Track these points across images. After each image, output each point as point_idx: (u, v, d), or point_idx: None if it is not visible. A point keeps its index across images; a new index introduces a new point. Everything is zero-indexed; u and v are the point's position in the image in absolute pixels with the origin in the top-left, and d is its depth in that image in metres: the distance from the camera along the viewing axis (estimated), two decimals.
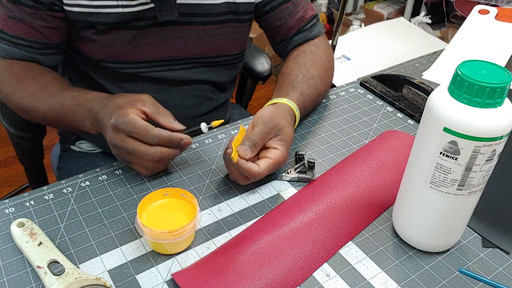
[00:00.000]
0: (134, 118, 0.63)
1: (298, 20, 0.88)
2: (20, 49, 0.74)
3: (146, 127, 0.63)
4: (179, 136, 0.65)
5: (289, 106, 0.73)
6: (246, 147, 0.65)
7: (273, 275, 0.55)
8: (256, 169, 0.64)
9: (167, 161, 0.68)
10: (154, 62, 0.81)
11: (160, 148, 0.64)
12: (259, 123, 0.67)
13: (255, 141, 0.66)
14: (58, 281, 0.51)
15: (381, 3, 2.80)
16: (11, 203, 0.64)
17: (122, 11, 0.73)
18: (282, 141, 0.68)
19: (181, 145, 0.65)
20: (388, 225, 0.64)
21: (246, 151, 0.64)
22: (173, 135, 0.64)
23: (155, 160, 0.65)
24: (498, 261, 0.59)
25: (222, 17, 0.81)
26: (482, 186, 0.53)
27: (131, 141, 0.63)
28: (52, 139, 1.13)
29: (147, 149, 0.63)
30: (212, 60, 0.86)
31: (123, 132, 0.63)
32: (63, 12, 0.72)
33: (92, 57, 0.78)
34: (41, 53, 0.76)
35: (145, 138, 0.63)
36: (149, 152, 0.63)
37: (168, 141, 0.64)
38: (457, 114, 0.48)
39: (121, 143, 0.64)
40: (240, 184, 0.68)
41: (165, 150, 0.64)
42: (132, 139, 0.63)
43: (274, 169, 0.67)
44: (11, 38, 0.73)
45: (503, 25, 1.05)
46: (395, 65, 1.04)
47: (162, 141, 0.64)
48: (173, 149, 0.65)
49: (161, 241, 0.56)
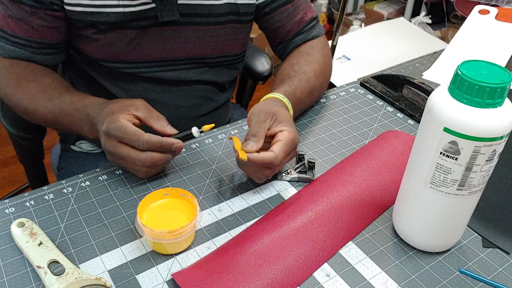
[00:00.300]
0: (124, 124, 0.63)
1: (298, 22, 0.88)
2: (19, 48, 0.74)
3: (136, 132, 0.63)
4: (170, 141, 0.64)
5: (276, 97, 0.73)
6: (249, 141, 0.64)
7: (273, 275, 0.55)
8: (271, 155, 0.63)
9: (161, 165, 0.68)
10: (155, 62, 0.81)
11: (151, 153, 0.64)
12: (252, 117, 0.67)
13: (255, 132, 0.65)
14: (58, 281, 0.51)
15: (381, 3, 2.80)
16: (11, 203, 0.64)
17: (123, 10, 0.73)
18: (283, 122, 0.67)
19: (173, 150, 0.65)
20: (388, 225, 0.64)
21: (251, 144, 0.63)
22: (164, 140, 0.64)
23: (147, 165, 0.64)
24: (498, 261, 0.59)
25: (223, 17, 0.81)
26: (482, 186, 0.53)
27: (122, 147, 0.63)
28: (52, 139, 1.13)
29: (138, 154, 0.63)
30: (213, 60, 0.86)
31: (114, 138, 0.63)
32: (63, 11, 0.72)
33: (93, 56, 0.78)
34: (40, 52, 0.76)
35: (135, 144, 0.63)
36: (140, 157, 0.63)
37: (158, 146, 0.64)
38: (457, 114, 0.48)
39: (113, 149, 0.64)
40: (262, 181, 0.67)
41: (157, 155, 0.64)
42: (124, 145, 0.63)
43: (289, 148, 0.65)
44: (11, 37, 0.73)
45: (503, 25, 1.05)
46: (395, 65, 1.04)
47: (153, 147, 0.63)
48: (164, 154, 0.65)
49: (161, 241, 0.56)
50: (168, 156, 0.66)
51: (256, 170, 0.65)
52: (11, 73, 0.75)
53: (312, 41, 0.90)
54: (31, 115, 0.76)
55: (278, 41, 0.91)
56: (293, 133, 0.66)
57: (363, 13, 2.72)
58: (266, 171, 0.65)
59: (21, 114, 0.78)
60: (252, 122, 0.67)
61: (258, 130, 0.65)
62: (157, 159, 0.64)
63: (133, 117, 0.66)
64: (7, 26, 0.72)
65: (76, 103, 0.71)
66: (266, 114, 0.67)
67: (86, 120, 0.69)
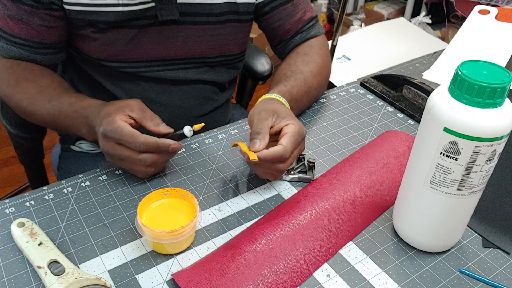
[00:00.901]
0: (121, 126, 0.63)
1: (297, 21, 0.88)
2: (18, 48, 0.74)
3: (132, 134, 0.63)
4: (166, 143, 0.64)
5: (271, 97, 0.73)
6: (254, 139, 0.63)
7: (273, 275, 0.55)
8: (280, 148, 0.62)
9: (161, 164, 0.68)
10: (155, 61, 0.81)
11: (150, 154, 0.64)
12: (253, 117, 0.67)
13: (258, 130, 0.64)
14: (58, 281, 0.51)
15: (381, 3, 2.80)
16: (11, 203, 0.64)
17: (122, 10, 0.73)
18: (285, 117, 0.66)
19: (170, 151, 0.65)
20: (388, 225, 0.64)
21: (257, 143, 0.63)
22: (160, 142, 0.63)
23: (148, 165, 0.65)
24: (498, 261, 0.59)
25: (222, 17, 0.81)
26: (482, 186, 0.53)
27: (121, 148, 0.64)
28: (52, 139, 1.13)
29: (138, 154, 0.63)
30: (213, 60, 0.86)
31: (112, 140, 0.63)
32: (63, 11, 0.72)
33: (92, 55, 0.78)
34: (40, 52, 0.76)
35: (132, 146, 0.63)
36: (141, 157, 0.64)
37: (155, 148, 0.63)
38: (458, 114, 0.48)
39: (112, 151, 0.64)
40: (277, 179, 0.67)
41: (155, 156, 0.64)
42: (122, 146, 0.64)
43: (297, 140, 0.64)
44: (10, 37, 0.73)
45: (503, 25, 1.05)
46: (395, 65, 1.04)
47: (150, 148, 0.63)
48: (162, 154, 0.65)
49: (161, 241, 0.56)
50: (167, 155, 0.66)
51: (269, 167, 0.64)
52: (11, 73, 0.75)
53: (311, 40, 0.90)
54: (30, 116, 0.76)
55: (278, 41, 0.91)
56: (298, 125, 0.65)
57: (363, 13, 2.72)
58: (279, 166, 0.64)
59: (20, 114, 0.78)
60: (254, 121, 0.67)
61: (262, 127, 0.65)
62: (156, 159, 0.64)
63: (129, 118, 0.66)
64: (6, 26, 0.72)
65: (75, 105, 0.71)
66: (266, 112, 0.67)
67: (84, 122, 0.69)
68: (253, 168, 0.67)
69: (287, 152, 0.62)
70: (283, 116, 0.66)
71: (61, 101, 0.73)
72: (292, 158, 0.65)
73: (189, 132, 0.67)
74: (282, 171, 0.65)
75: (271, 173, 0.65)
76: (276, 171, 0.64)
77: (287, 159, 0.63)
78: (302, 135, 0.66)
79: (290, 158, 0.64)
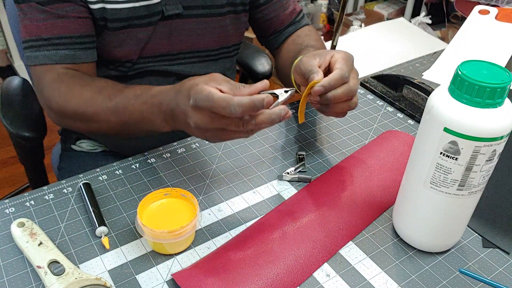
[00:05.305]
0: (211, 91, 0.56)
1: (290, 13, 0.93)
2: (62, 49, 0.72)
3: (225, 98, 0.55)
4: (260, 97, 0.55)
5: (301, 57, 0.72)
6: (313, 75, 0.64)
7: (273, 275, 0.55)
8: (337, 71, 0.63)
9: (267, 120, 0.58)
10: (161, 56, 0.83)
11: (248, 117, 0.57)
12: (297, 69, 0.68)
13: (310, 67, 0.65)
14: (58, 281, 0.51)
15: (382, 4, 2.80)
16: (11, 203, 0.64)
17: (133, 5, 0.74)
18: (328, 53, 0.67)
19: (264, 105, 0.56)
20: (388, 225, 0.64)
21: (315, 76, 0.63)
22: (254, 97, 0.55)
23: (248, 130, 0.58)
24: (498, 261, 0.59)
25: (223, 9, 0.83)
26: (482, 186, 0.53)
27: (220, 118, 0.57)
28: (52, 139, 1.13)
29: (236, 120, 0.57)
30: (215, 52, 0.88)
31: (205, 110, 0.57)
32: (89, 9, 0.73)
33: (102, 57, 0.79)
34: (82, 47, 0.73)
35: (227, 111, 0.55)
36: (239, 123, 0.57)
37: (252, 106, 0.55)
38: (458, 114, 0.48)
39: (208, 124, 0.57)
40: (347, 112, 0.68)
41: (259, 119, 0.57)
42: (217, 115, 0.56)
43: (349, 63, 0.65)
44: (52, 40, 0.71)
45: (503, 25, 1.05)
46: (395, 65, 1.04)
47: (246, 110, 0.55)
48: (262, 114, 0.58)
49: (161, 241, 0.56)
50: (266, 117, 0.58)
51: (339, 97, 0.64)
52: (60, 82, 0.71)
53: (303, 28, 0.94)
54: (91, 120, 0.70)
55: (271, 31, 0.94)
56: (344, 52, 0.66)
57: (363, 13, 2.72)
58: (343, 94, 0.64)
59: (78, 123, 0.72)
60: (302, 68, 0.66)
61: (311, 66, 0.65)
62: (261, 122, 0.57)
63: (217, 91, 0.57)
64: (44, 32, 0.70)
65: (142, 97, 0.65)
66: (308, 57, 0.67)
67: (158, 111, 0.63)
68: (321, 110, 0.67)
69: (344, 72, 0.63)
70: (325, 54, 0.67)
71: (124, 96, 0.67)
72: (355, 86, 0.65)
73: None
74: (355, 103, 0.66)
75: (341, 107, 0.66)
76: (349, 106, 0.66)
77: (348, 79, 0.64)
78: (351, 58, 0.67)
79: (353, 85, 0.64)
